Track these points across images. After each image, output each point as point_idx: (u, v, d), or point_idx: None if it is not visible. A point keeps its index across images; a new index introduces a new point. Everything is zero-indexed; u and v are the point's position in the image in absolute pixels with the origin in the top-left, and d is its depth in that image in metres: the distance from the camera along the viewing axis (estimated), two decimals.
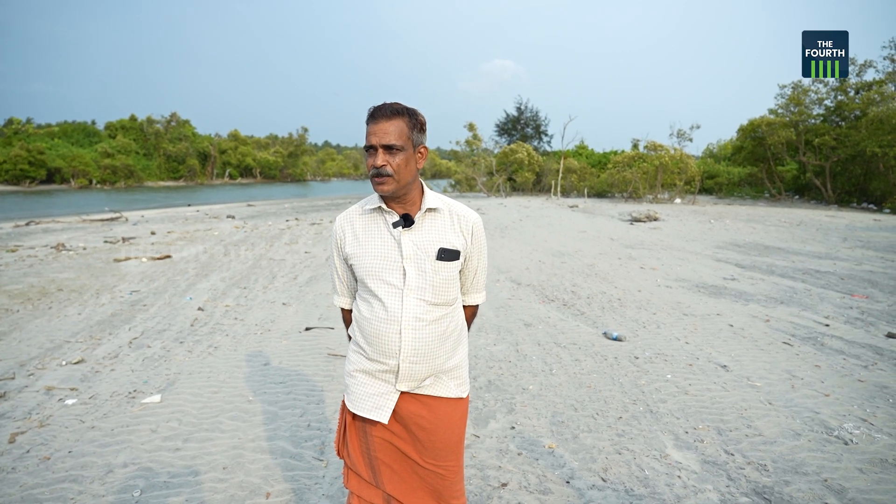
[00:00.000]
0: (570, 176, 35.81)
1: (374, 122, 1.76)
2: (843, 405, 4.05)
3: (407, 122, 1.78)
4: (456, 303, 1.94)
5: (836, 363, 4.97)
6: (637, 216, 19.08)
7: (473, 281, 2.02)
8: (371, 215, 1.89)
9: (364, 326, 1.86)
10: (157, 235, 14.54)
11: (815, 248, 12.52)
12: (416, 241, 1.83)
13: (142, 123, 64.40)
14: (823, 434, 3.58)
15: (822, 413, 3.90)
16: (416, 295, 1.81)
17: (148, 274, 9.17)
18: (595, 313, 6.67)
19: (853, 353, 5.24)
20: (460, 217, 1.91)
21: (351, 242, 1.89)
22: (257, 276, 9.05)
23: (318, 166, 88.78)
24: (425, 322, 1.82)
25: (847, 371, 4.77)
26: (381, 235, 1.85)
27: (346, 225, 1.92)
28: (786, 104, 30.25)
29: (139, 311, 6.76)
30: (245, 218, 20.58)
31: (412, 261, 1.81)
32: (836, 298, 7.54)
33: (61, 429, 3.68)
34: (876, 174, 26.67)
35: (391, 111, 1.76)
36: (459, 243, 1.88)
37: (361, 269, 1.85)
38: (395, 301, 1.80)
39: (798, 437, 3.54)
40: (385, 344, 1.81)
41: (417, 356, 1.82)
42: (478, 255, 1.97)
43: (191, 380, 4.53)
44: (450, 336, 1.90)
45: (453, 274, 1.88)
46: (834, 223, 18.72)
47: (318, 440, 3.52)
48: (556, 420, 3.80)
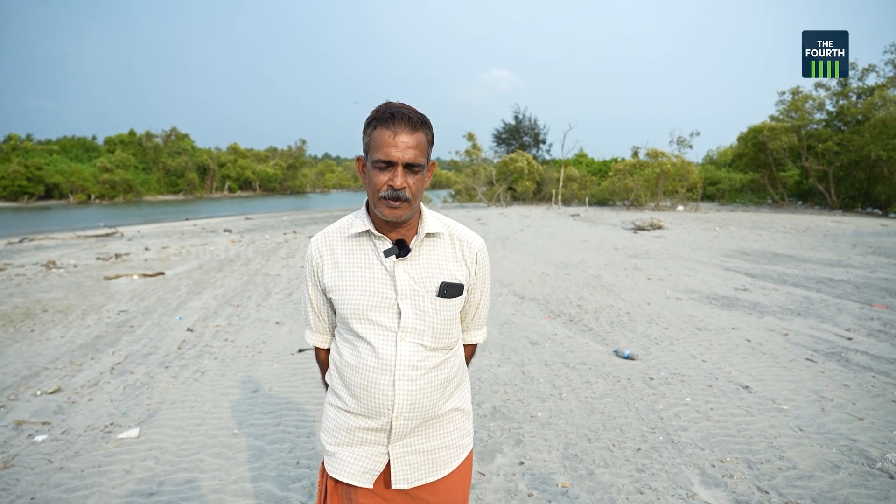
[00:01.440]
0: (570, 184, 35.54)
1: (395, 133, 1.40)
2: (880, 431, 3.72)
3: (427, 136, 1.46)
4: (457, 345, 1.62)
5: (865, 381, 4.64)
6: (640, 224, 18.78)
7: (474, 317, 1.69)
8: (357, 240, 1.55)
9: (348, 376, 1.53)
10: (152, 251, 14.24)
11: (825, 256, 12.20)
12: (414, 274, 1.50)
13: (140, 138, 64.19)
14: (865, 466, 3.25)
15: (860, 441, 3.57)
16: (412, 339, 1.48)
17: (138, 292, 8.86)
18: (604, 329, 6.34)
19: (882, 370, 4.91)
20: (462, 243, 1.58)
21: (331, 272, 1.55)
22: (251, 292, 8.73)
23: (317, 178, 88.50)
24: (423, 370, 1.49)
25: (879, 390, 4.43)
26: (370, 266, 1.51)
27: (325, 249, 1.57)
28: (786, 110, 30.03)
29: (125, 333, 6.44)
30: (242, 231, 20.29)
31: (409, 298, 1.48)
32: (854, 309, 7.21)
33: (26, 470, 3.35)
34: (880, 178, 26.35)
35: (417, 120, 1.42)
36: (462, 275, 1.56)
37: (345, 307, 1.51)
38: (387, 346, 1.48)
39: (837, 471, 3.20)
40: (375, 397, 1.48)
41: (414, 411, 1.49)
42: (481, 288, 1.64)
43: (173, 410, 4.20)
44: (451, 383, 1.59)
45: (456, 313, 1.56)
46: (841, 229, 18.40)
47: (308, 480, 3.18)
48: (569, 453, 3.47)
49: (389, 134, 1.40)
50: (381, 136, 1.41)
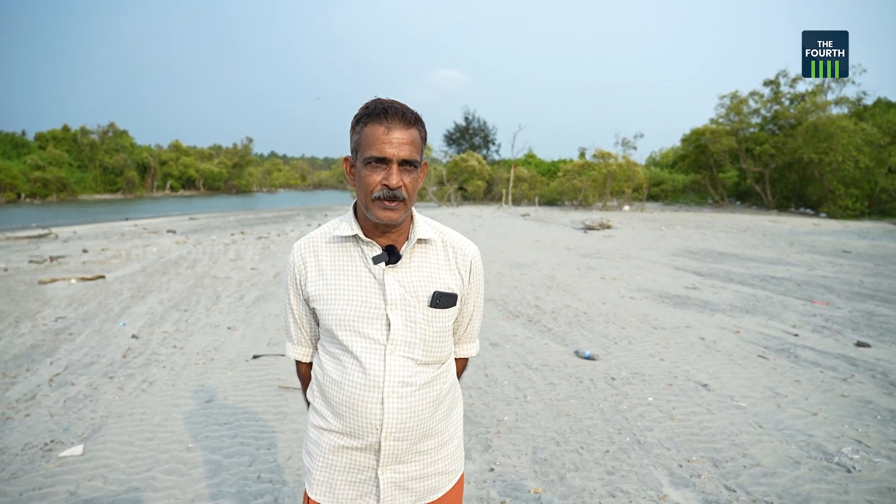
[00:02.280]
0: (520, 184, 35.93)
1: (388, 129, 1.30)
2: (834, 425, 3.84)
3: (420, 132, 1.37)
4: (450, 359, 1.52)
5: (814, 377, 4.80)
6: (590, 224, 19.11)
7: (467, 329, 1.59)
8: (343, 245, 1.44)
9: (331, 393, 1.42)
10: (90, 253, 13.55)
11: (766, 254, 12.68)
12: (404, 283, 1.40)
13: (75, 134, 61.16)
14: (823, 461, 3.33)
15: (816, 436, 3.67)
16: (402, 352, 1.38)
17: (77, 297, 8.39)
18: (563, 329, 6.37)
19: (829, 365, 5.09)
20: (456, 250, 1.48)
21: (315, 280, 1.43)
22: (199, 296, 8.39)
23: (264, 177, 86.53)
24: (414, 387, 1.39)
25: (828, 385, 4.59)
26: (358, 273, 1.41)
27: (309, 256, 1.45)
28: (726, 113, 31.21)
29: (64, 341, 6.06)
30: (187, 232, 19.59)
31: (399, 308, 1.38)
32: (798, 306, 7.49)
33: None
34: (811, 180, 27.71)
35: (412, 116, 1.33)
36: (456, 284, 1.46)
37: (330, 318, 1.40)
38: (375, 360, 1.37)
39: (798, 466, 3.28)
40: (362, 416, 1.37)
41: (405, 431, 1.38)
42: (475, 298, 1.55)
43: (120, 424, 3.96)
44: (444, 400, 1.48)
45: (449, 324, 1.46)
46: (777, 228, 19.22)
47: (271, 496, 3.03)
48: (539, 457, 3.43)
49: (383, 130, 1.30)
50: (374, 133, 1.31)
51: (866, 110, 29.90)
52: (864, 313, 7.03)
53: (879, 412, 4.05)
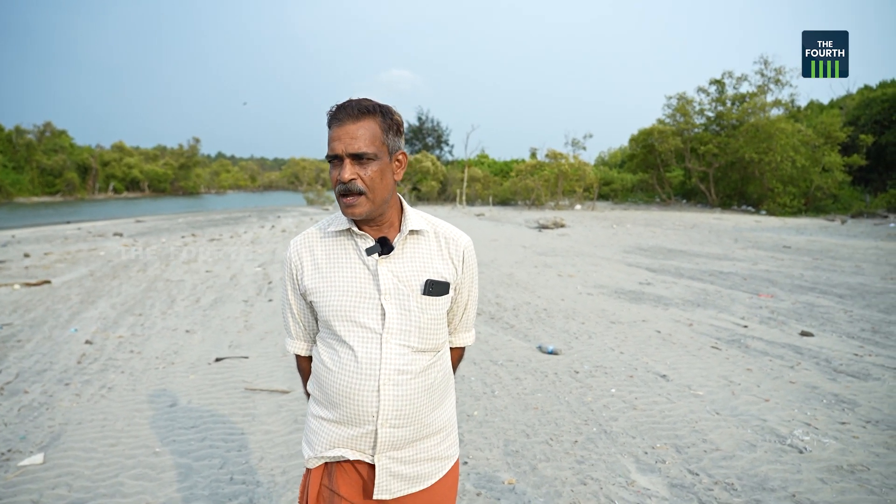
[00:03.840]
0: (474, 184, 36.21)
1: (339, 125, 1.37)
2: (784, 410, 4.05)
3: (380, 123, 1.40)
4: (444, 347, 1.58)
5: (764, 365, 5.05)
6: (545, 223, 19.43)
7: (462, 318, 1.65)
8: (337, 239, 1.49)
9: (327, 382, 1.46)
10: (33, 258, 12.98)
11: (712, 250, 13.18)
12: (397, 272, 1.45)
13: (10, 134, 58.29)
14: (777, 444, 3.53)
15: (769, 420, 3.88)
16: (397, 340, 1.43)
17: (22, 303, 8.04)
18: (524, 325, 6.49)
19: (777, 354, 5.36)
20: (448, 240, 1.54)
21: (311, 274, 1.48)
22: (153, 300, 8.17)
23: (212, 178, 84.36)
24: (410, 374, 1.43)
25: (777, 373, 4.84)
26: (352, 265, 1.46)
27: (305, 252, 1.50)
28: (672, 114, 32.23)
29: (12, 349, 5.82)
30: (135, 235, 18.96)
31: (392, 297, 1.43)
32: (745, 299, 7.84)
33: None
34: (752, 179, 28.92)
35: (359, 109, 1.38)
36: (449, 273, 1.52)
37: (326, 309, 1.44)
38: (370, 349, 1.41)
39: (754, 449, 3.46)
40: (357, 404, 1.41)
41: (401, 418, 1.43)
42: (469, 287, 1.61)
43: (80, 431, 3.84)
44: (437, 388, 1.53)
45: (442, 312, 1.51)
46: (722, 225, 19.98)
47: (245, 497, 3.01)
48: (510, 450, 3.51)
49: (335, 128, 1.38)
50: (330, 132, 1.39)
51: (800, 112, 31.41)
52: (805, 304, 7.41)
53: (825, 396, 4.30)
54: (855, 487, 3.01)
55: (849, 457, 3.35)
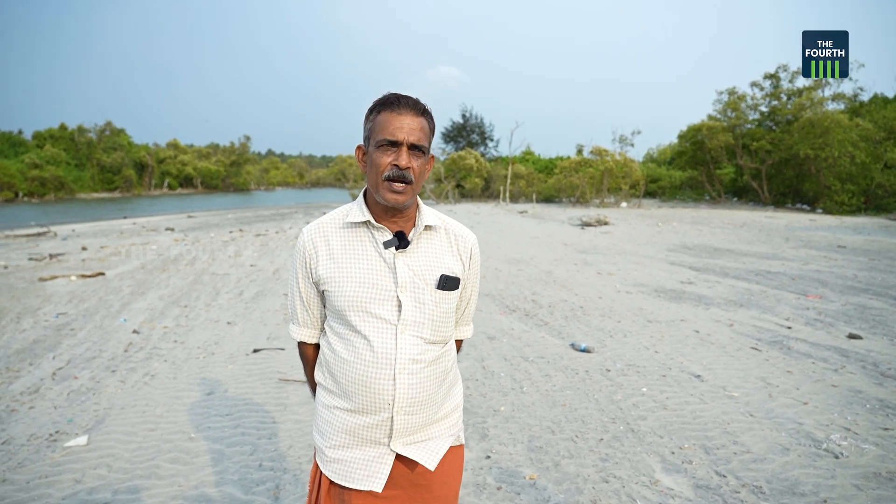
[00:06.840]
0: (518, 181, 36.00)
1: (400, 115, 1.43)
2: (823, 414, 3.92)
3: (430, 125, 1.49)
4: (451, 339, 1.63)
5: (806, 368, 4.88)
6: (588, 221, 19.18)
7: (464, 312, 1.71)
8: (354, 231, 1.53)
9: (342, 372, 1.50)
10: (89, 251, 13.61)
11: (761, 249, 12.77)
12: (413, 266, 1.50)
13: (73, 133, 61.04)
14: (812, 448, 3.41)
15: (806, 423, 3.75)
16: (412, 332, 1.48)
17: (77, 294, 8.45)
18: (559, 323, 6.45)
19: (820, 357, 5.17)
20: (458, 237, 1.60)
21: (325, 263, 1.51)
22: (199, 292, 8.46)
23: (261, 175, 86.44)
24: (423, 364, 1.48)
25: (819, 376, 4.67)
26: (368, 257, 1.50)
27: (319, 240, 1.53)
28: (723, 109, 31.29)
29: (66, 337, 6.13)
30: (185, 230, 19.64)
31: (409, 290, 1.48)
32: (791, 299, 7.57)
33: None
34: (807, 176, 27.80)
35: (418, 107, 1.45)
36: (458, 268, 1.57)
37: (341, 299, 1.48)
38: (386, 340, 1.46)
39: (787, 453, 3.36)
40: (374, 392, 1.46)
41: (415, 405, 1.48)
42: (473, 283, 1.67)
43: (123, 415, 4.03)
44: (447, 377, 1.59)
45: (453, 306, 1.57)
46: (774, 224, 19.31)
47: (272, 483, 3.11)
48: (534, 445, 3.51)
49: (395, 116, 1.43)
50: (386, 119, 1.43)
51: (862, 106, 29.99)
52: (856, 306, 7.12)
53: (869, 401, 4.14)
54: (892, 495, 2.90)
55: (889, 464, 3.22)
